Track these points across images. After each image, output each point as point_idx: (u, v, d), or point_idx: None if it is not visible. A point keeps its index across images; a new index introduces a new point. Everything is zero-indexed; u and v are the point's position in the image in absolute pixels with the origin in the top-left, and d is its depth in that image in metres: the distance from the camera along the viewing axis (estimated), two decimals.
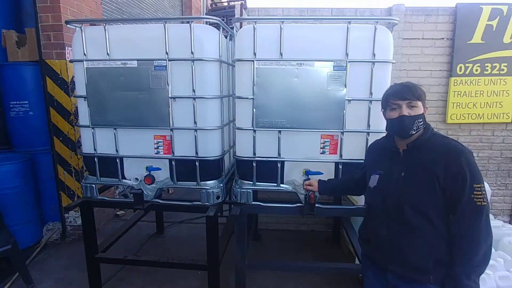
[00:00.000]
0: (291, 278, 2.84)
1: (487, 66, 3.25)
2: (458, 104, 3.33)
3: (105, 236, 2.94)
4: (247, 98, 2.01)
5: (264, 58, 1.95)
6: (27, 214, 3.22)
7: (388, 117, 1.44)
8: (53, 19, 3.01)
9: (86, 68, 2.05)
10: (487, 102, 3.33)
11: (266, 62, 1.96)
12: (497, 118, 3.37)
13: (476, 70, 3.26)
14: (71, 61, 2.12)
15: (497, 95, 3.32)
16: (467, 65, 3.26)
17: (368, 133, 2.04)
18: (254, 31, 1.92)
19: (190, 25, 1.92)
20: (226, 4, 9.56)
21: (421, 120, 1.36)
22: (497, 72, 3.26)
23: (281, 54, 1.95)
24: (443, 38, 3.28)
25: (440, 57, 3.32)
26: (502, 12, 3.12)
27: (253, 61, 1.96)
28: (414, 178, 1.35)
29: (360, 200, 2.75)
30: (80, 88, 2.12)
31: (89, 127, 2.14)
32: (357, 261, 2.74)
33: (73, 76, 3.19)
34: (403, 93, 1.36)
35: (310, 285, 2.74)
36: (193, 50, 1.95)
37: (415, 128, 1.35)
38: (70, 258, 3.14)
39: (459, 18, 3.17)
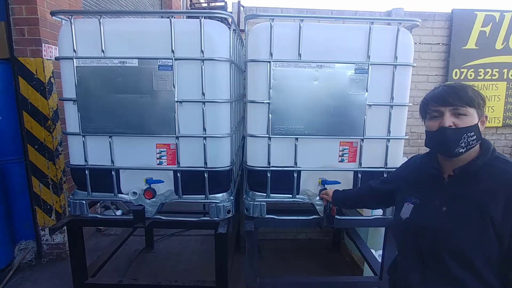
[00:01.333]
0: None
1: (481, 71, 3.32)
2: None
3: (88, 253, 2.62)
4: (263, 102, 1.84)
5: (281, 59, 1.79)
6: None
7: (427, 129, 1.10)
8: (27, 11, 2.66)
9: (76, 66, 1.78)
10: None
11: (283, 64, 1.80)
12: (489, 122, 3.44)
13: (471, 75, 3.32)
14: (57, 59, 1.84)
15: (489, 100, 3.39)
16: (462, 70, 3.30)
17: (388, 139, 1.94)
18: (271, 29, 1.76)
19: (200, 20, 1.72)
20: (205, 4, 9.32)
21: (472, 133, 1.00)
22: (490, 77, 3.33)
23: (299, 55, 1.80)
24: (439, 43, 3.31)
25: (436, 62, 3.34)
26: (495, 19, 3.20)
27: (269, 62, 1.79)
28: (460, 216, 1.02)
29: (366, 211, 2.67)
30: (68, 90, 1.84)
31: (79, 134, 1.86)
32: (365, 272, 2.65)
33: (50, 77, 2.86)
34: (446, 97, 1.03)
35: None
36: (203, 49, 1.75)
37: (463, 145, 1.01)
38: (49, 282, 2.78)
39: (454, 24, 3.21)
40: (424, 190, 1.14)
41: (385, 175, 1.97)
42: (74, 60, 1.78)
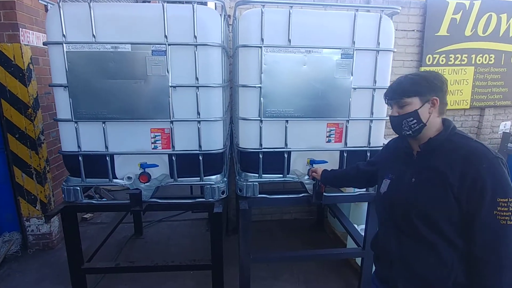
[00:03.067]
0: (286, 267, 2.85)
1: (451, 57, 3.55)
2: None
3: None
4: (254, 86, 1.91)
5: (272, 45, 1.86)
6: None
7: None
8: None
9: (66, 52, 1.76)
10: (450, 90, 3.64)
11: (274, 49, 1.88)
12: (458, 104, 3.71)
13: (442, 61, 3.54)
14: (45, 44, 1.79)
15: (458, 84, 3.64)
16: (434, 55, 3.51)
17: (371, 120, 2.08)
18: (262, 15, 1.82)
19: (193, 6, 1.74)
20: None
21: (411, 118, 1.17)
22: (459, 62, 3.57)
23: (289, 40, 1.87)
24: (414, 30, 3.49)
25: (411, 48, 3.53)
26: (465, 7, 3.41)
27: (260, 47, 1.86)
28: (425, 184, 1.17)
29: (349, 188, 2.84)
30: (58, 76, 1.81)
31: (71, 121, 1.86)
32: (348, 245, 2.85)
33: (29, 63, 2.76)
34: (387, 93, 1.26)
35: (306, 272, 2.78)
36: (196, 34, 1.78)
37: (406, 128, 1.20)
38: (38, 272, 2.76)
39: (428, 11, 3.39)
40: (398, 166, 1.30)
41: (368, 154, 2.13)
42: (64, 45, 1.75)
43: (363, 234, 2.40)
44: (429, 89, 1.17)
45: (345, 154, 2.10)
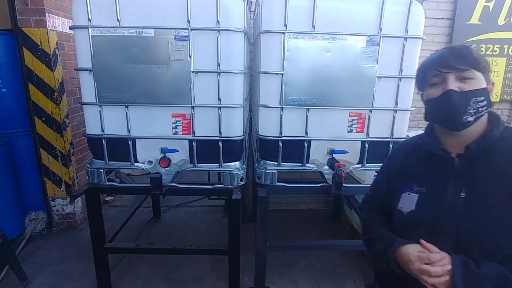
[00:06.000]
0: (302, 256, 2.85)
1: (482, 47, 3.37)
2: None
3: None
4: (276, 73, 1.88)
5: (295, 31, 1.82)
6: (7, 204, 2.86)
7: (427, 97, 0.93)
8: None
9: (91, 36, 1.78)
10: None
11: (297, 35, 1.83)
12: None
13: None
14: (71, 28, 1.83)
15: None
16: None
17: (395, 111, 2.01)
18: (286, 0, 1.78)
19: None
20: None
21: (482, 98, 0.85)
22: (491, 53, 3.39)
23: (313, 26, 1.83)
24: (443, 18, 3.33)
25: (440, 37, 3.38)
26: None
27: (284, 33, 1.82)
28: (486, 202, 0.84)
29: (368, 179, 2.79)
30: (84, 60, 1.85)
31: (96, 104, 1.90)
32: None
33: (55, 48, 2.83)
34: (447, 59, 0.88)
35: (322, 262, 2.78)
36: (218, 19, 1.77)
37: (471, 111, 0.85)
38: (63, 250, 2.89)
39: None
40: (428, 176, 0.95)
41: (390, 146, 2.07)
42: (90, 29, 1.78)
43: None
44: (489, 69, 0.89)
45: (367, 145, 2.05)
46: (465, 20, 3.27)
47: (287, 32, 1.82)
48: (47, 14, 2.70)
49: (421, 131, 1.09)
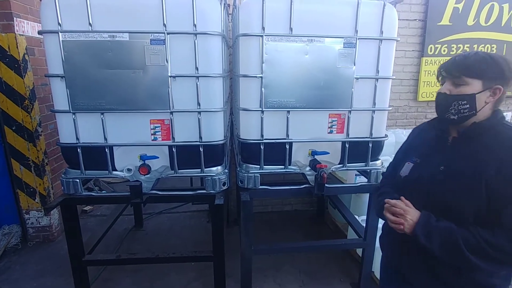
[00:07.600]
0: (287, 258, 2.85)
1: (453, 47, 3.50)
2: (428, 82, 3.56)
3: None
4: (255, 76, 1.88)
5: (274, 33, 1.82)
6: None
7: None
8: None
9: (62, 41, 1.71)
10: None
11: (275, 38, 1.83)
12: None
13: (444, 51, 3.49)
14: (40, 33, 1.75)
15: None
16: (436, 45, 3.47)
17: (373, 111, 2.05)
18: (263, 3, 1.77)
19: None
20: None
21: (465, 102, 1.04)
22: (461, 52, 3.52)
23: (291, 29, 1.83)
24: (416, 19, 3.43)
25: (413, 38, 3.48)
26: None
27: (262, 36, 1.81)
28: (454, 176, 1.06)
29: (349, 179, 2.84)
30: (54, 66, 1.77)
31: (69, 112, 1.82)
32: (349, 236, 2.85)
33: (24, 53, 2.70)
34: (446, 66, 1.09)
35: (307, 263, 2.79)
36: (195, 23, 1.74)
37: (453, 111, 1.06)
38: (39, 264, 2.76)
39: (431, 0, 3.32)
40: (426, 150, 1.19)
41: (370, 145, 2.11)
42: (60, 34, 1.70)
43: (364, 225, 2.40)
44: (497, 76, 1.02)
45: (347, 145, 2.08)
46: (437, 21, 3.39)
47: (265, 35, 1.81)
48: (15, 18, 2.57)
49: (399, 129, 1.27)
